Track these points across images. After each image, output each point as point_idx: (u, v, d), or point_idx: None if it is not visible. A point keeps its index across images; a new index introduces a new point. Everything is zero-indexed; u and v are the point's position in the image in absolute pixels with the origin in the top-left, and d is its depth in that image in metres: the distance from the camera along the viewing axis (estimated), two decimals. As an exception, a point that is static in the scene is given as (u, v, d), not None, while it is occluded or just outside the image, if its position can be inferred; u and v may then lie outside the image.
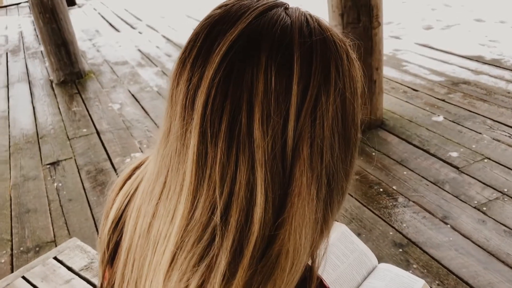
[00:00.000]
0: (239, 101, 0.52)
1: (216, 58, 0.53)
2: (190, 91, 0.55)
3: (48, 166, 3.67)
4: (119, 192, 0.72)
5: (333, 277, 1.18)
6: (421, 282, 1.13)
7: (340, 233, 1.26)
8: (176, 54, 5.95)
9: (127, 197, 0.69)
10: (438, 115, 3.61)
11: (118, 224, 0.69)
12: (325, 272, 1.18)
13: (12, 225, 2.99)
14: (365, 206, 2.69)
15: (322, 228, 0.58)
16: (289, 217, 0.54)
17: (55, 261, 1.71)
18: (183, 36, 6.79)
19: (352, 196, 2.79)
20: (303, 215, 0.54)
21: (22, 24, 9.35)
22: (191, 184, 0.55)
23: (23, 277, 1.65)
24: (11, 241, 2.83)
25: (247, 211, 0.54)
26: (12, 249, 2.76)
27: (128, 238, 0.66)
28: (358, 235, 2.47)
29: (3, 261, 2.67)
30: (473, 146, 3.15)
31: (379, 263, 1.28)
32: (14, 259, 2.68)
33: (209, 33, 0.56)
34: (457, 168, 2.93)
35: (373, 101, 3.43)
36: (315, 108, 0.53)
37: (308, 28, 0.55)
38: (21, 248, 2.75)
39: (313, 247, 0.57)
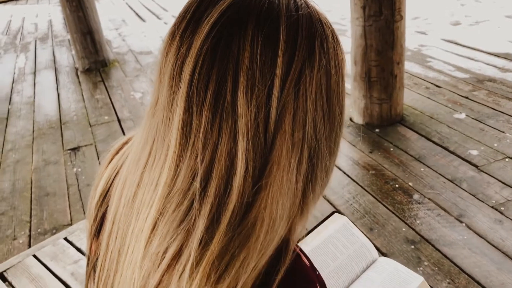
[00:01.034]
0: (225, 70, 0.53)
1: (205, 29, 0.55)
2: (178, 60, 0.56)
3: (69, 151, 3.74)
4: (107, 166, 0.73)
5: (332, 268, 1.18)
6: (420, 279, 1.11)
7: (341, 225, 1.25)
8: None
9: (114, 170, 0.70)
10: (460, 113, 3.53)
11: (106, 197, 0.70)
12: (324, 262, 1.18)
13: (32, 207, 3.06)
14: (379, 201, 2.66)
15: (301, 203, 0.58)
16: (267, 185, 0.55)
17: (65, 242, 1.74)
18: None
19: (366, 191, 2.76)
20: (281, 185, 0.55)
21: (52, 12, 9.53)
22: (175, 152, 0.57)
23: (34, 256, 1.70)
24: (30, 222, 2.91)
25: (227, 179, 0.55)
26: (30, 231, 2.83)
27: (113, 208, 0.67)
28: (370, 230, 2.45)
29: (21, 241, 2.74)
30: (495, 144, 3.08)
31: (389, 258, 1.27)
32: (31, 240, 2.75)
33: (198, 6, 0.57)
34: (476, 166, 2.87)
35: (393, 96, 3.38)
36: (299, 81, 0.54)
37: (295, 4, 0.57)
38: (39, 230, 2.82)
39: (290, 222, 0.58)
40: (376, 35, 3.18)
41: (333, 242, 1.21)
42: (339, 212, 1.91)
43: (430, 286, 2.04)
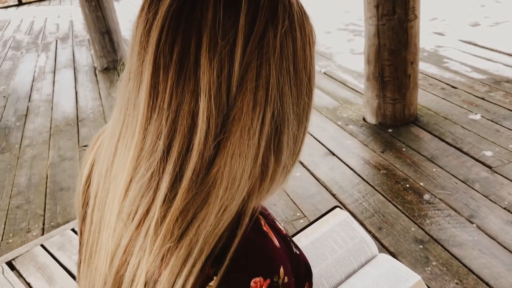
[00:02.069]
0: (189, 31, 0.55)
1: None
2: (146, 26, 0.58)
3: (84, 147, 3.80)
4: (92, 150, 0.74)
5: (330, 261, 1.18)
6: (417, 277, 1.10)
7: (341, 219, 1.25)
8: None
9: (96, 151, 0.72)
10: (476, 113, 3.48)
11: (91, 179, 0.72)
12: (322, 255, 1.18)
13: (46, 201, 3.12)
14: (389, 200, 2.64)
15: (263, 167, 0.60)
16: (227, 143, 0.56)
17: (72, 232, 1.78)
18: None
19: (376, 190, 2.74)
20: (241, 144, 0.56)
21: (73, 13, 9.69)
22: (143, 115, 0.58)
23: (42, 245, 1.73)
24: (44, 216, 2.97)
25: (189, 138, 0.56)
26: (44, 224, 2.89)
27: (94, 183, 0.68)
28: (379, 229, 2.44)
29: (34, 234, 2.80)
30: (510, 146, 3.03)
31: (396, 259, 1.27)
32: (44, 233, 2.80)
33: None
34: (490, 167, 2.83)
35: (407, 96, 3.35)
36: (262, 41, 0.56)
37: None
38: (52, 223, 2.87)
39: (252, 185, 0.59)
40: (390, 34, 3.16)
41: (332, 236, 1.22)
42: (346, 209, 1.87)
43: (437, 286, 2.02)
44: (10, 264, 1.65)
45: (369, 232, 2.43)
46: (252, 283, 0.57)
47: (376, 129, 3.43)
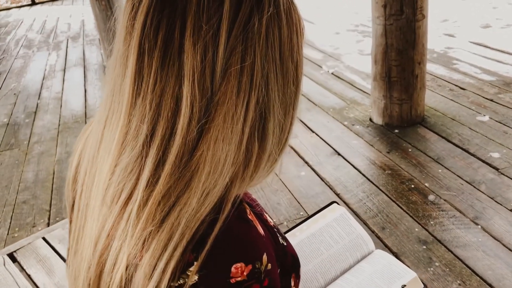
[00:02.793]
0: (174, 15, 0.56)
1: None
2: (132, 11, 0.59)
3: (91, 144, 3.83)
4: (82, 138, 0.75)
5: (325, 256, 1.17)
6: (413, 274, 1.10)
7: (338, 215, 1.25)
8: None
9: (86, 138, 0.72)
10: (484, 115, 3.45)
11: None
12: (317, 250, 1.18)
13: (52, 197, 3.15)
14: (393, 201, 2.62)
15: (246, 156, 0.59)
16: (210, 128, 0.57)
17: (73, 226, 1.78)
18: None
19: (381, 190, 2.73)
20: (225, 129, 0.57)
21: (85, 13, 9.77)
22: (128, 100, 0.59)
23: (43, 238, 1.74)
24: (49, 211, 2.99)
25: (173, 122, 0.57)
26: (49, 219, 2.91)
27: (82, 171, 0.69)
28: (382, 229, 2.42)
29: (39, 229, 2.82)
30: (518, 148, 2.99)
31: (398, 259, 1.26)
32: (49, 228, 2.82)
33: None
34: (496, 169, 2.80)
35: (414, 97, 3.32)
36: (247, 27, 0.56)
37: None
38: (57, 218, 2.89)
39: (235, 171, 0.59)
40: (397, 34, 3.14)
41: (328, 231, 1.21)
42: (350, 208, 1.86)
43: (440, 287, 2.00)
44: (11, 256, 1.66)
45: (372, 232, 2.41)
46: (233, 269, 0.57)
47: (382, 129, 3.41)
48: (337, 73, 4.60)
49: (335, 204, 1.29)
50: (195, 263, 0.56)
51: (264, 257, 0.61)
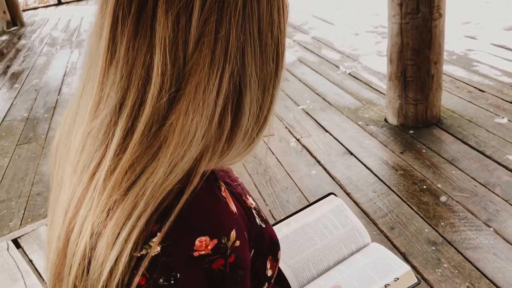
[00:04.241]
0: None
1: None
2: None
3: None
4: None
5: (319, 246, 1.16)
6: (406, 268, 1.07)
7: (334, 206, 1.23)
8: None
9: (66, 113, 0.72)
10: (503, 117, 3.37)
11: None
12: (311, 240, 1.16)
13: (66, 189, 3.19)
14: (404, 201, 2.58)
15: (219, 130, 0.59)
16: (181, 98, 0.56)
17: (77, 214, 1.80)
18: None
19: (392, 190, 2.68)
20: (196, 101, 0.56)
21: (109, 13, 9.93)
22: (101, 68, 0.59)
23: (47, 225, 1.76)
24: (62, 203, 3.03)
25: (143, 91, 0.56)
26: (61, 211, 2.95)
27: (60, 144, 0.69)
28: (391, 229, 2.38)
29: (51, 220, 2.86)
30: (536, 151, 2.91)
31: (406, 259, 1.23)
32: (61, 220, 2.86)
33: None
34: (513, 171, 2.73)
35: (430, 97, 3.27)
36: None
37: None
38: (69, 210, 2.93)
39: (206, 145, 0.58)
40: (413, 33, 3.09)
41: (323, 222, 1.19)
42: (360, 208, 1.78)
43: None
44: (16, 242, 1.69)
45: (381, 231, 2.38)
46: (197, 242, 0.56)
47: (397, 130, 3.36)
48: (354, 73, 4.56)
49: (332, 195, 1.27)
50: (159, 234, 0.56)
51: (233, 233, 0.60)
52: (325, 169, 2.99)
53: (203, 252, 0.56)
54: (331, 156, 3.13)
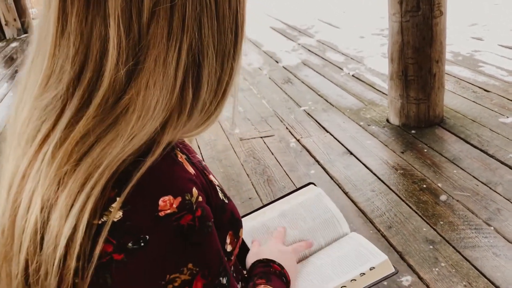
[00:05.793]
0: None
1: None
2: None
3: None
4: None
5: (296, 234, 1.12)
6: (383, 257, 1.03)
7: (313, 195, 1.19)
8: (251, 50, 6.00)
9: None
10: (507, 117, 3.30)
11: None
12: (288, 229, 1.12)
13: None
14: (403, 200, 2.52)
15: (181, 102, 0.58)
16: (140, 71, 0.56)
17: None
18: (260, 35, 6.84)
19: (391, 189, 2.63)
20: (156, 74, 0.56)
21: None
22: (52, 41, 0.57)
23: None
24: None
25: (100, 64, 0.56)
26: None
27: (7, 121, 0.67)
28: (389, 228, 2.32)
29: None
30: (541, 150, 2.84)
31: (402, 258, 1.19)
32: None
33: None
34: (516, 170, 2.66)
35: (432, 96, 3.21)
36: None
37: None
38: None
39: (166, 117, 0.58)
40: (413, 31, 3.05)
41: (299, 211, 1.16)
42: (357, 207, 1.76)
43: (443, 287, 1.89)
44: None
45: (378, 230, 2.32)
46: (160, 202, 0.56)
47: (398, 130, 3.31)
48: (357, 75, 4.52)
49: (312, 185, 1.23)
50: (118, 198, 0.55)
51: (194, 190, 0.60)
52: (324, 168, 2.95)
53: (169, 211, 0.56)
54: (330, 156, 3.08)
